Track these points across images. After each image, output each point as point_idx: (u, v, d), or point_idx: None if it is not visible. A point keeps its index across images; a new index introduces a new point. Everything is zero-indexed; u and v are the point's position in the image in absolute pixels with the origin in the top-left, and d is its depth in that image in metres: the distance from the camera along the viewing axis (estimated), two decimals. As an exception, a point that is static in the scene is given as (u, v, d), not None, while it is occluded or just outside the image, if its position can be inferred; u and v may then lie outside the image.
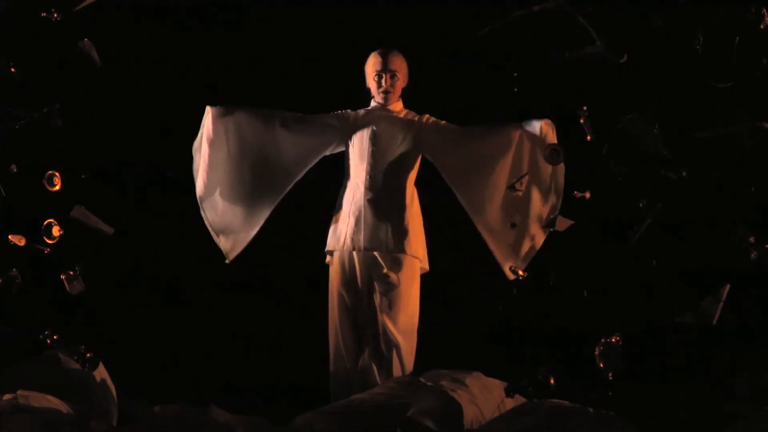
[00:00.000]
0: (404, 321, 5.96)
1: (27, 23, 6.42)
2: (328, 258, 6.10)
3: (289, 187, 6.06)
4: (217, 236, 6.09)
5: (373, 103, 6.11)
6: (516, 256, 5.92)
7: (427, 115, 6.09)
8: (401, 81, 6.08)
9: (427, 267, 6.06)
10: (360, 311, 6.02)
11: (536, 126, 5.90)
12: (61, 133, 6.31)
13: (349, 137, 6.06)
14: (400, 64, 6.06)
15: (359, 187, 6.01)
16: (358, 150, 6.04)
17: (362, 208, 5.98)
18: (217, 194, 6.06)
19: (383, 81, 6.05)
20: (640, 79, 6.06)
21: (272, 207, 6.06)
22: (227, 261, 6.08)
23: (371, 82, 6.10)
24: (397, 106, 6.11)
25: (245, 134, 6.05)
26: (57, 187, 6.10)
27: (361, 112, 6.11)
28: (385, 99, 6.07)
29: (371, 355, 5.98)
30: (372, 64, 6.08)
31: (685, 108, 6.08)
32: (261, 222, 6.06)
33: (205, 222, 6.08)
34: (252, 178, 6.06)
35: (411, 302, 5.99)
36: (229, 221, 6.07)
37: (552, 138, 5.86)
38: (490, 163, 5.96)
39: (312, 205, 6.39)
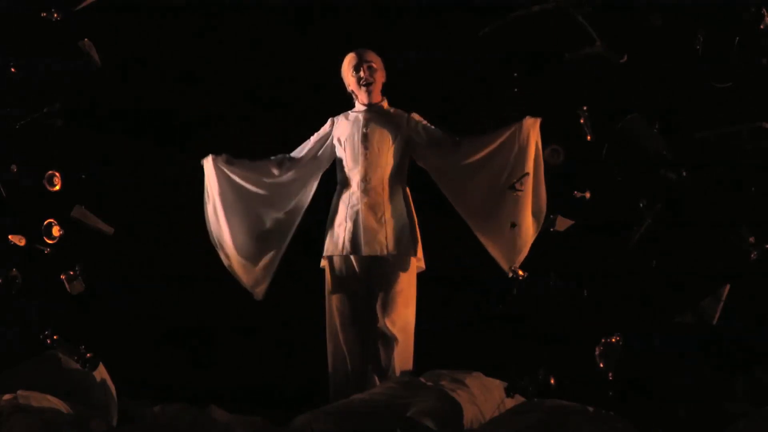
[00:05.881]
0: (402, 320, 5.96)
1: (27, 23, 6.43)
2: (323, 262, 6.10)
3: (298, 219, 6.11)
4: (240, 277, 6.12)
5: (358, 106, 6.10)
6: (514, 253, 5.90)
7: (416, 115, 6.07)
8: (380, 74, 6.05)
9: (423, 266, 6.06)
10: (358, 313, 6.02)
11: (523, 125, 5.87)
12: (60, 134, 6.33)
13: (339, 142, 6.06)
14: (374, 57, 6.04)
15: (355, 190, 6.00)
16: (351, 153, 6.03)
17: (359, 212, 5.97)
18: (233, 238, 6.10)
19: (362, 72, 6.02)
20: (640, 79, 6.06)
21: (287, 240, 6.10)
22: (258, 298, 6.12)
23: (351, 80, 6.06)
24: (383, 105, 6.09)
25: (248, 183, 6.11)
26: (57, 187, 6.10)
27: (349, 114, 6.10)
28: (368, 93, 6.03)
29: (370, 356, 5.99)
30: (348, 63, 6.06)
31: (685, 108, 6.08)
32: (278, 255, 6.10)
33: (226, 265, 6.13)
34: (262, 218, 6.11)
35: (409, 302, 5.99)
36: (247, 261, 6.11)
37: (534, 137, 5.82)
38: (485, 167, 5.94)
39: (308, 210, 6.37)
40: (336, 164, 6.10)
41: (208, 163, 6.13)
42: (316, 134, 6.15)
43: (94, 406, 5.63)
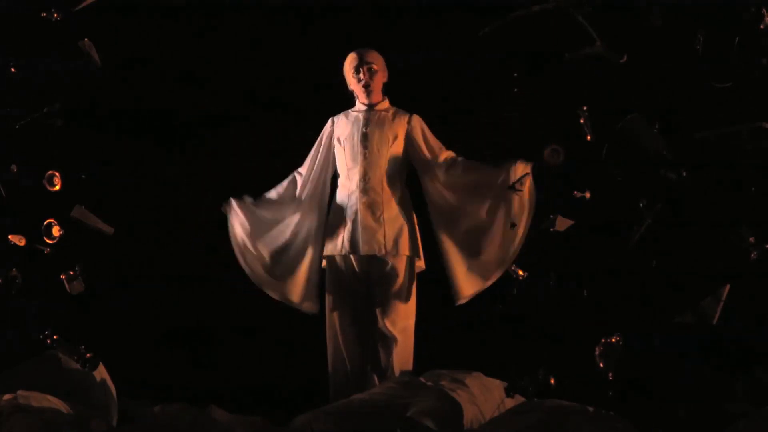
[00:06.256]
0: (402, 321, 5.96)
1: (27, 23, 6.43)
2: (324, 262, 6.10)
3: (324, 226, 6.07)
4: (291, 301, 6.11)
5: (358, 105, 6.10)
6: (479, 283, 5.92)
7: (418, 117, 6.06)
8: (380, 74, 6.05)
9: (423, 266, 6.06)
10: (358, 313, 6.02)
11: (516, 170, 5.84)
12: (61, 134, 6.33)
13: (339, 141, 6.05)
14: (376, 58, 6.04)
15: (354, 190, 6.00)
16: (350, 153, 6.02)
17: (358, 212, 5.97)
18: (271, 273, 6.10)
19: (362, 74, 6.02)
20: (640, 79, 6.06)
21: (319, 248, 6.07)
22: (312, 312, 6.12)
23: (351, 80, 6.06)
24: (384, 105, 6.09)
25: (271, 217, 6.12)
26: (57, 187, 6.10)
27: (349, 113, 6.10)
28: (368, 94, 6.03)
29: (370, 356, 5.99)
30: (349, 63, 6.06)
31: (685, 108, 6.08)
32: (315, 265, 6.09)
33: (277, 299, 6.13)
34: (291, 240, 6.10)
35: (409, 302, 5.98)
36: (293, 284, 6.10)
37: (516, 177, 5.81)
38: (474, 195, 5.91)
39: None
40: (336, 164, 6.10)
41: (233, 210, 6.10)
42: (317, 141, 6.13)
43: (94, 406, 5.63)
